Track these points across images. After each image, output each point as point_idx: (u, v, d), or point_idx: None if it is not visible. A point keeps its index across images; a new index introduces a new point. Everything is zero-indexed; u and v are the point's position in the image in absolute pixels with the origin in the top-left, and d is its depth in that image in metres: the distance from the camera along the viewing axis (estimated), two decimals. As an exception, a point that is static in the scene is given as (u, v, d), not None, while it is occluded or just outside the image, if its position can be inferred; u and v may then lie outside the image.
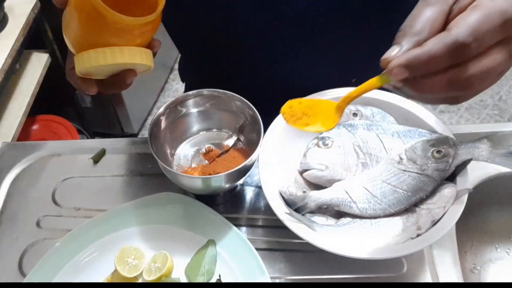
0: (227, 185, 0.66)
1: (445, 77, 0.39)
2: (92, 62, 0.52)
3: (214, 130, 0.76)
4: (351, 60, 0.75)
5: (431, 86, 0.40)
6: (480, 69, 0.39)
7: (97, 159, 0.79)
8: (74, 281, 0.64)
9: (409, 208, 0.59)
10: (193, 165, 0.72)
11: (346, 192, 0.60)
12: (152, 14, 0.52)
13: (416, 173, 0.60)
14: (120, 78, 0.56)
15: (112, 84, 0.57)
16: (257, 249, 0.63)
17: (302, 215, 0.61)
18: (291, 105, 0.54)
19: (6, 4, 1.37)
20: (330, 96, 0.70)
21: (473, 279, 0.75)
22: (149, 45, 0.58)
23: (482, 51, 0.39)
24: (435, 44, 0.38)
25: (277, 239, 0.67)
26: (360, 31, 0.70)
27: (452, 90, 0.40)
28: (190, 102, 0.73)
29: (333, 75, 0.75)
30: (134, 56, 0.53)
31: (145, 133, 2.05)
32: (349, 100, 0.50)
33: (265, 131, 0.67)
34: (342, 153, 0.64)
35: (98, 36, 0.51)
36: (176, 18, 0.79)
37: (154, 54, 0.60)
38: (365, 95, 0.70)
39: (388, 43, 0.79)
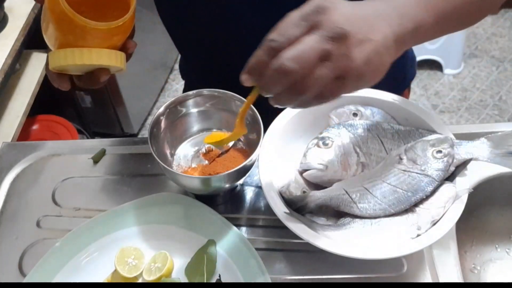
0: (227, 185, 0.66)
1: (270, 69, 0.45)
2: (61, 61, 0.55)
3: (214, 130, 0.76)
4: None
5: (268, 82, 0.47)
6: (292, 54, 0.44)
7: (97, 159, 0.79)
8: (74, 281, 0.64)
9: (409, 208, 0.59)
10: (193, 165, 0.72)
11: (346, 192, 0.60)
12: (121, 19, 0.54)
13: (416, 173, 0.60)
14: (95, 76, 0.58)
15: (87, 81, 0.59)
16: (257, 249, 0.63)
17: (302, 215, 0.61)
18: (214, 134, 0.66)
19: (6, 4, 1.37)
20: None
21: (473, 279, 0.75)
22: (124, 47, 0.60)
23: (292, 41, 0.45)
24: (258, 48, 0.47)
25: (277, 239, 0.67)
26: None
27: (282, 80, 0.45)
28: (190, 102, 0.73)
29: None
30: (103, 58, 0.56)
31: (145, 133, 2.05)
32: (242, 115, 0.58)
33: (265, 131, 0.67)
34: (342, 153, 0.64)
35: (68, 37, 0.54)
36: (176, 19, 0.79)
37: (130, 55, 0.61)
38: (365, 94, 0.71)
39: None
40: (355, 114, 0.69)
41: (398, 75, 0.89)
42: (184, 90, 0.94)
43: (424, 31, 0.53)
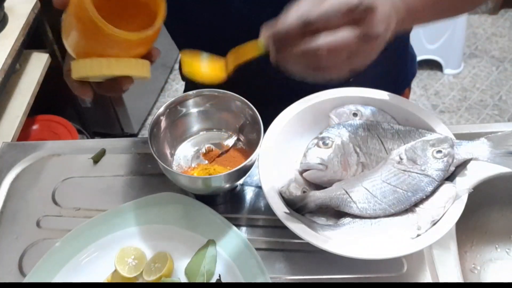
0: (227, 185, 0.66)
1: (299, 47, 0.47)
2: (87, 71, 0.53)
3: (214, 130, 0.76)
4: None
5: (291, 55, 0.48)
6: (327, 42, 0.46)
7: (97, 159, 0.79)
8: (74, 281, 0.64)
9: (409, 208, 0.59)
10: (193, 165, 0.72)
11: (346, 192, 0.60)
12: (150, 27, 0.52)
13: (416, 173, 0.60)
14: (117, 83, 0.57)
15: (109, 88, 0.58)
16: (257, 249, 0.63)
17: (302, 215, 0.61)
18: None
19: (6, 4, 1.37)
20: (328, 97, 0.70)
21: (473, 279, 0.75)
22: (148, 54, 0.58)
23: (330, 29, 0.47)
24: (291, 19, 0.47)
25: (277, 239, 0.67)
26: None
27: (306, 59, 0.48)
28: (190, 102, 0.73)
29: None
30: (130, 68, 0.54)
31: (145, 133, 2.05)
32: (236, 62, 0.57)
33: (265, 131, 0.67)
34: (342, 153, 0.64)
35: (94, 46, 0.52)
36: (176, 18, 0.79)
37: (153, 62, 0.60)
38: (365, 95, 0.71)
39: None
40: (355, 114, 0.69)
41: (400, 74, 0.89)
42: (185, 91, 0.94)
43: (414, 14, 0.56)
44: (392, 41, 0.54)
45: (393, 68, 0.86)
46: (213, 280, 0.63)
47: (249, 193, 0.73)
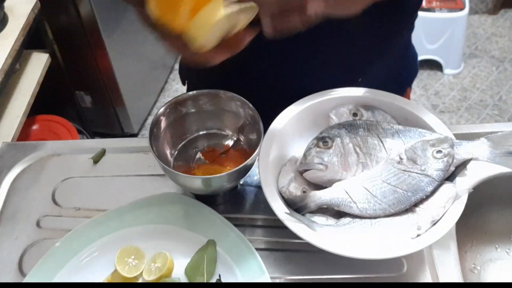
0: (227, 185, 0.66)
1: None
2: (209, 19, 0.47)
3: (214, 130, 0.76)
4: (356, 59, 0.75)
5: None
6: None
7: (97, 159, 0.79)
8: (74, 281, 0.64)
9: (409, 208, 0.59)
10: (193, 165, 0.72)
11: (346, 192, 0.60)
12: None
13: (416, 173, 0.60)
14: (236, 38, 0.53)
15: (228, 46, 0.54)
16: (257, 249, 0.63)
17: (302, 215, 0.61)
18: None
19: (6, 4, 1.37)
20: (333, 96, 0.70)
21: (473, 279, 0.75)
22: None
23: None
24: None
25: (277, 239, 0.67)
26: (365, 30, 0.70)
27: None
28: (190, 102, 0.73)
29: (339, 75, 0.75)
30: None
31: (145, 133, 2.05)
32: None
33: (265, 131, 0.67)
34: (342, 153, 0.64)
35: None
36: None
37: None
38: (365, 95, 0.71)
39: (391, 42, 0.79)
40: (355, 114, 0.69)
41: (402, 73, 0.89)
42: (188, 90, 0.94)
43: None
44: (395, 42, 0.53)
45: (396, 67, 0.86)
46: (213, 280, 0.63)
47: (249, 193, 0.73)
